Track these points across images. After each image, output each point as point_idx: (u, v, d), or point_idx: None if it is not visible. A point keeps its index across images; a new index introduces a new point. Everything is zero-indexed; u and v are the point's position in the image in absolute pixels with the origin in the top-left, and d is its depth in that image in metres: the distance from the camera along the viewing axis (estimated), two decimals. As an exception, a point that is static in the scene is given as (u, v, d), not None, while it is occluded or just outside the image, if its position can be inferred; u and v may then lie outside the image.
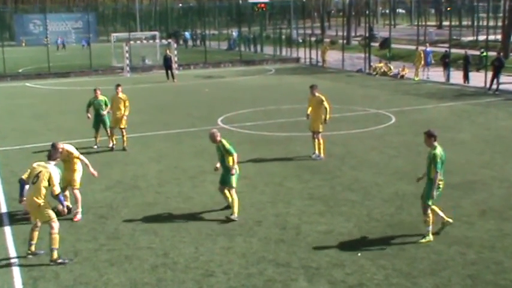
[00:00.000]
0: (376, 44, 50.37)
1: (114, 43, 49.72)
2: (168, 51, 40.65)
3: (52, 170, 11.03)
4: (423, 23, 63.67)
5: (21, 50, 65.92)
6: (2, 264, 10.99)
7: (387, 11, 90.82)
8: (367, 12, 52.43)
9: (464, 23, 69.90)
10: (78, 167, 13.45)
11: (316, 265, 10.57)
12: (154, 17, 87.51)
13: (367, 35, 45.48)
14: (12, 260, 11.10)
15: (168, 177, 16.35)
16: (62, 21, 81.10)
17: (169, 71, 39.17)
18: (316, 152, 17.97)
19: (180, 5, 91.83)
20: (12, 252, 11.50)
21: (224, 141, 13.14)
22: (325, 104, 17.62)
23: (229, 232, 12.24)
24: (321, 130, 17.84)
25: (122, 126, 19.64)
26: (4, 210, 14.07)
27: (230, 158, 13.13)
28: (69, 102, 30.56)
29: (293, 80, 38.26)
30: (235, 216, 12.90)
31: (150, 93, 34.27)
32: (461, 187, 14.91)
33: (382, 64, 40.06)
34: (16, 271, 10.67)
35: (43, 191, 10.81)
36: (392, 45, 45.35)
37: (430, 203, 11.48)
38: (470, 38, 53.91)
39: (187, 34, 72.44)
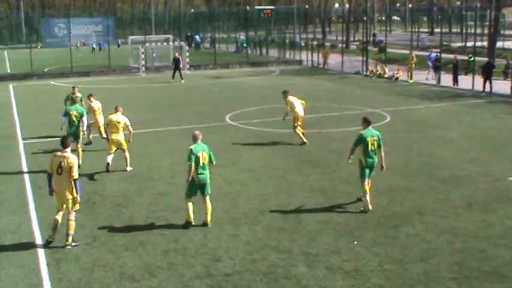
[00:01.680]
0: (375, 49, 50.27)
1: (131, 45, 49.76)
2: (177, 53, 40.67)
3: (71, 157, 10.93)
4: (416, 30, 63.43)
5: (46, 52, 65.90)
6: (28, 247, 11.04)
7: (383, 18, 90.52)
8: (364, 18, 52.22)
9: (454, 30, 69.62)
10: None
11: (316, 252, 10.56)
12: (168, 22, 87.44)
13: (365, 40, 45.37)
14: (38, 243, 11.15)
15: (179, 169, 16.33)
16: (84, 25, 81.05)
17: (177, 72, 39.17)
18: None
19: (192, 10, 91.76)
20: (38, 236, 11.56)
21: (191, 147, 11.73)
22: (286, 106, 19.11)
23: (235, 221, 12.25)
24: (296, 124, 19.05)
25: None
26: (30, 197, 14.13)
27: None
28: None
29: (296, 80, 38.16)
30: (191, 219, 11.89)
31: (163, 91, 34.25)
32: (450, 181, 14.88)
33: (379, 67, 39.93)
34: (41, 253, 10.73)
35: (69, 178, 10.82)
36: (388, 50, 45.18)
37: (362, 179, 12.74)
38: (459, 44, 53.69)
39: (197, 37, 72.32)
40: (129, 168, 16.22)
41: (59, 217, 11.02)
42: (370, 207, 12.70)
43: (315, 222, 12.07)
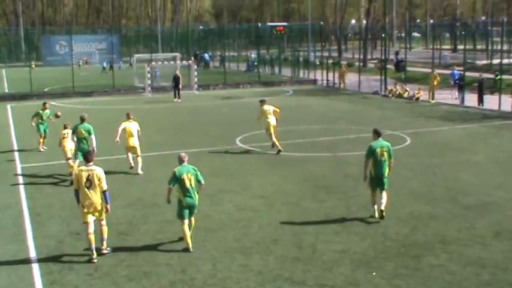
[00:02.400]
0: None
1: (136, 64, 50.20)
2: (177, 71, 41.19)
3: (98, 170, 11.87)
4: (438, 46, 63.52)
5: (46, 70, 66.45)
6: (25, 278, 11.03)
7: (403, 35, 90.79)
8: (383, 35, 52.41)
9: (479, 46, 69.58)
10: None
11: (332, 283, 10.50)
12: (176, 39, 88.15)
13: (383, 57, 45.48)
14: (35, 274, 11.15)
15: (187, 195, 16.32)
16: (86, 42, 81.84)
17: (176, 91, 39.64)
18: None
19: (201, 27, 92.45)
20: (35, 266, 11.56)
21: (174, 170, 12.38)
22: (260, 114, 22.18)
23: (246, 250, 12.21)
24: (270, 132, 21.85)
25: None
26: (28, 225, 14.14)
27: None
28: (91, 121, 30.67)
29: (310, 101, 38.28)
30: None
31: (170, 112, 34.43)
32: (476, 208, 14.78)
33: (398, 87, 39.98)
34: (38, 285, 10.71)
35: (99, 190, 11.78)
36: (408, 68, 45.26)
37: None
38: (485, 62, 53.66)
39: (206, 56, 72.59)
40: (140, 172, 18.81)
41: (92, 231, 11.77)
42: (377, 215, 13.88)
43: (330, 252, 12.01)
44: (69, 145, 19.41)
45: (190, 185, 12.22)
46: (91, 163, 11.97)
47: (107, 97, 42.56)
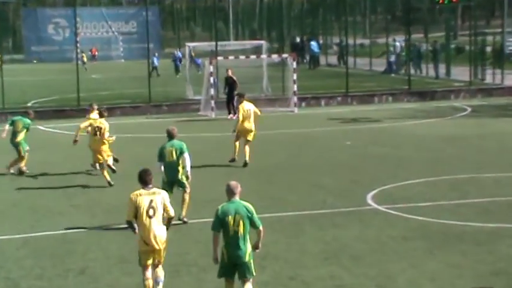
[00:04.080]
0: None
1: (191, 60, 50.97)
2: (230, 71, 42.04)
3: (163, 193, 14.77)
4: None
5: (31, 70, 68.25)
6: None
7: None
8: None
9: None
10: None
11: None
12: (259, 16, 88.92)
13: None
14: None
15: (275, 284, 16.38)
16: (101, 21, 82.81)
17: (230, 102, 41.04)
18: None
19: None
20: None
21: (219, 207, 14.10)
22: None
23: None
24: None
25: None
26: None
27: None
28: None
29: (506, 127, 37.76)
30: None
31: (252, 146, 34.61)
32: None
33: None
34: None
35: (165, 219, 14.66)
36: None
37: None
38: None
39: (314, 45, 72.51)
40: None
41: (150, 275, 14.52)
42: None
43: None
44: (101, 148, 24.76)
45: (237, 231, 13.40)
46: (151, 185, 14.51)
47: (138, 118, 43.12)
